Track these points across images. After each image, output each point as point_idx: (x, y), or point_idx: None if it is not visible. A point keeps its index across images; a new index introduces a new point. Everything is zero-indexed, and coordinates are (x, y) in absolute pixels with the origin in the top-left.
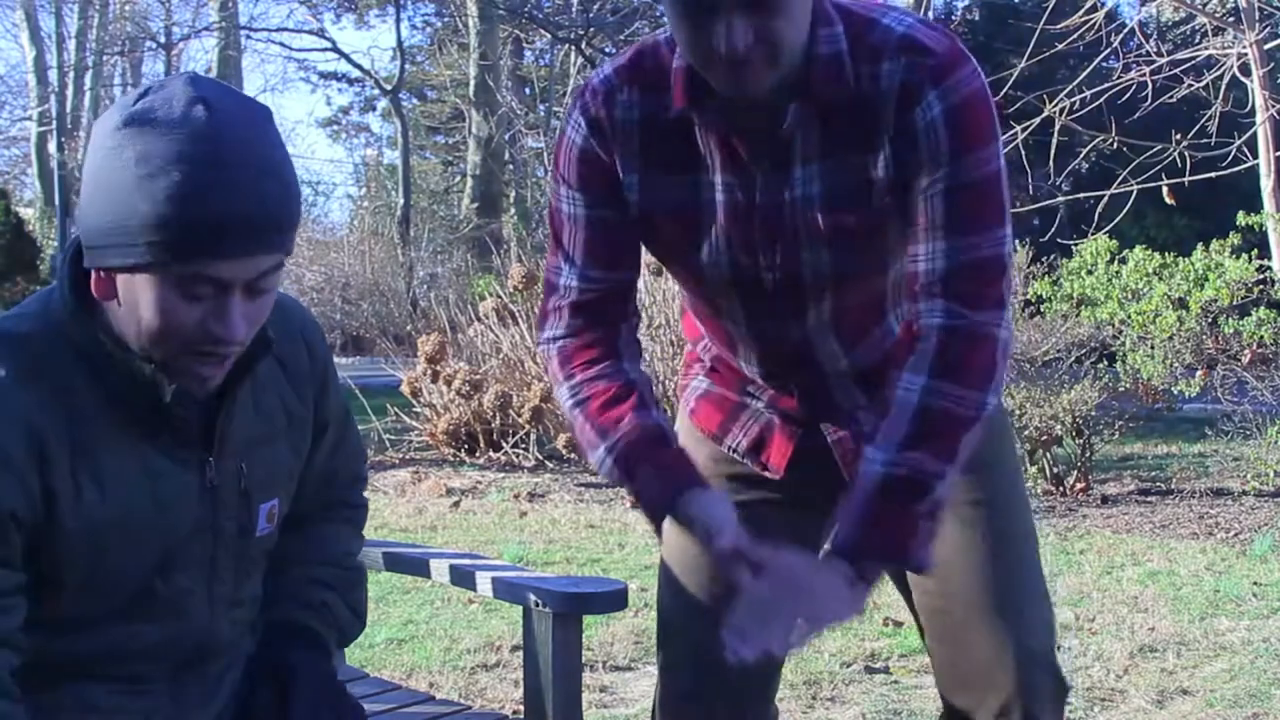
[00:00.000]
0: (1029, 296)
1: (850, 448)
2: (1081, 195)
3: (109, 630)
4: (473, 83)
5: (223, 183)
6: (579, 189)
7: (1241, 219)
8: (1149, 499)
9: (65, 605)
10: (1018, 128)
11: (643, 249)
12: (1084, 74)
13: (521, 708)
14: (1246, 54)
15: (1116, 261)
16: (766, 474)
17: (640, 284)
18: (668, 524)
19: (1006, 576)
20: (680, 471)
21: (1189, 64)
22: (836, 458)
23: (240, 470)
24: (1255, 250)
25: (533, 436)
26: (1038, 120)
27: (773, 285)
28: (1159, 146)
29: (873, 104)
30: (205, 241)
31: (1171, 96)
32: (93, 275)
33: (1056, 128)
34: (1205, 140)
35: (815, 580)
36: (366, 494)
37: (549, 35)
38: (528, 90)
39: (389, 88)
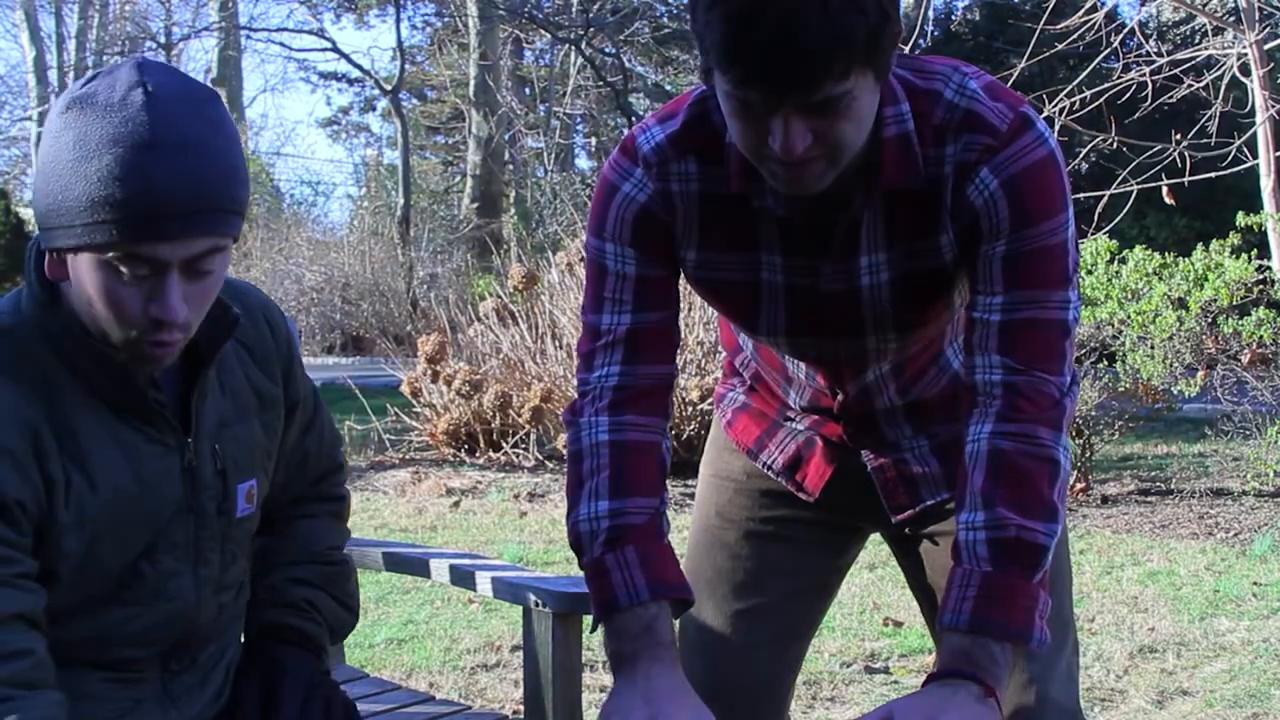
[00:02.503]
0: None
1: (891, 475)
2: (1081, 195)
3: (98, 616)
4: (473, 83)
5: (155, 164)
6: (632, 246)
7: (1241, 219)
8: (1149, 499)
9: (59, 596)
10: None
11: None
12: (1084, 74)
13: (521, 708)
14: (1246, 54)
15: (1116, 261)
16: (801, 494)
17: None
18: (693, 531)
19: None
20: (667, 589)
21: (1189, 64)
22: (875, 484)
23: (214, 451)
24: (1255, 250)
25: (533, 436)
26: None
27: (833, 356)
28: (1159, 146)
29: (937, 187)
30: (137, 222)
31: (1171, 96)
32: (47, 257)
33: (1056, 128)
34: (1205, 140)
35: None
36: (363, 489)
37: (549, 35)
38: (528, 90)
39: (389, 88)
